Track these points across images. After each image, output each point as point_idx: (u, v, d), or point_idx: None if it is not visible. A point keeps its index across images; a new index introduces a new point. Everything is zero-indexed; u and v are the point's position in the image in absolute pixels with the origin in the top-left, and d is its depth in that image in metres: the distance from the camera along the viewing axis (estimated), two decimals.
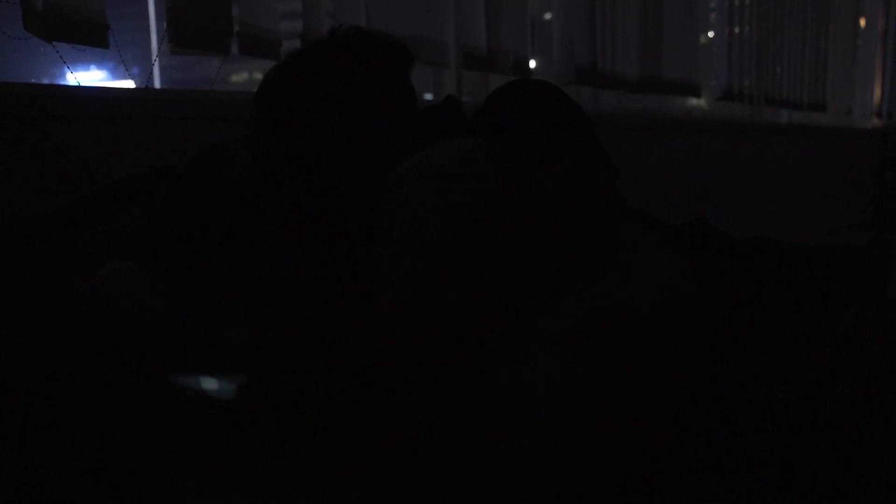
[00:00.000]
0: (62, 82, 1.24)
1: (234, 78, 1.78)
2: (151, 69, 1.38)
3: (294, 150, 0.91)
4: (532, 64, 2.06)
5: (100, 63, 1.37)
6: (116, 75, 1.40)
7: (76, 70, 1.22)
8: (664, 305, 0.72)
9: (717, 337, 0.76)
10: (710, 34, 2.73)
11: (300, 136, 0.91)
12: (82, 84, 1.23)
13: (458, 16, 1.78)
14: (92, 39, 1.18)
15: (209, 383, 0.82)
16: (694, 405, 0.70)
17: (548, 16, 2.11)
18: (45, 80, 1.29)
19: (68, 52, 1.19)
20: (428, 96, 1.95)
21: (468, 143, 0.81)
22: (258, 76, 1.02)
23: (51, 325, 0.82)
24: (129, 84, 1.33)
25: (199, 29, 1.29)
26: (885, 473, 0.63)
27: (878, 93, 3.81)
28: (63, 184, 1.08)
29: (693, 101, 2.80)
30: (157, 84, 1.41)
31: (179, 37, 1.28)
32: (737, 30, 2.76)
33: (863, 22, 3.74)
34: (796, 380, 0.70)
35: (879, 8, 3.75)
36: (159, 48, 1.32)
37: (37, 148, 1.12)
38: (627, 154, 0.92)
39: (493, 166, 0.77)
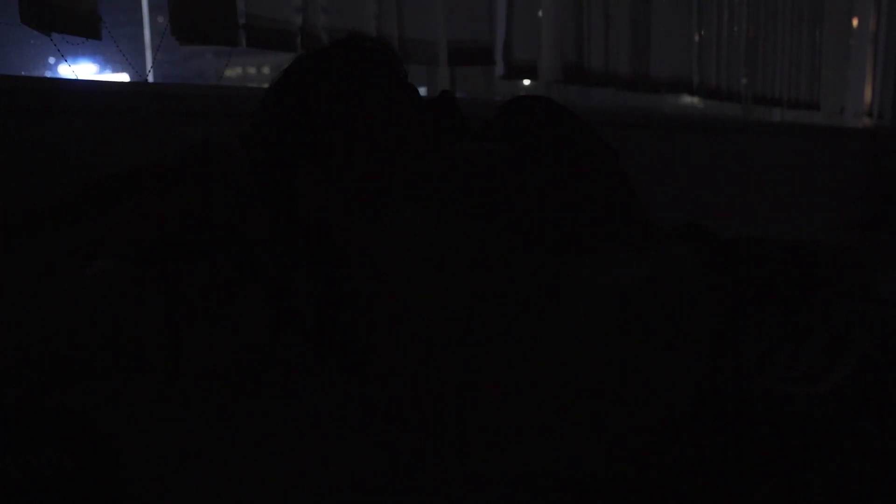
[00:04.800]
0: (52, 75, 1.23)
1: (228, 73, 1.77)
2: (147, 63, 1.37)
3: (313, 143, 0.92)
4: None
5: (92, 56, 1.36)
6: (108, 68, 1.39)
7: (67, 63, 1.22)
8: (694, 282, 0.75)
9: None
10: (702, 32, 2.74)
11: (322, 131, 0.92)
12: (77, 77, 1.22)
13: (452, 13, 1.78)
14: (85, 31, 1.17)
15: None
16: (695, 397, 0.71)
17: (539, 13, 2.11)
18: (35, 73, 1.28)
19: (60, 44, 1.18)
20: (421, 90, 1.95)
21: (496, 146, 0.84)
22: (252, 71, 1.02)
23: (39, 321, 0.82)
24: (122, 77, 1.33)
25: (202, 21, 1.29)
26: (874, 460, 0.64)
27: (869, 92, 3.84)
28: (53, 178, 1.08)
29: (686, 99, 2.81)
30: (150, 79, 1.40)
31: (182, 29, 1.27)
32: (726, 28, 2.77)
33: (855, 22, 3.76)
34: (789, 372, 0.71)
35: (871, 8, 3.78)
36: (160, 42, 1.32)
37: (27, 141, 1.11)
38: (619, 152, 0.94)
39: (528, 166, 0.81)
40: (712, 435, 0.68)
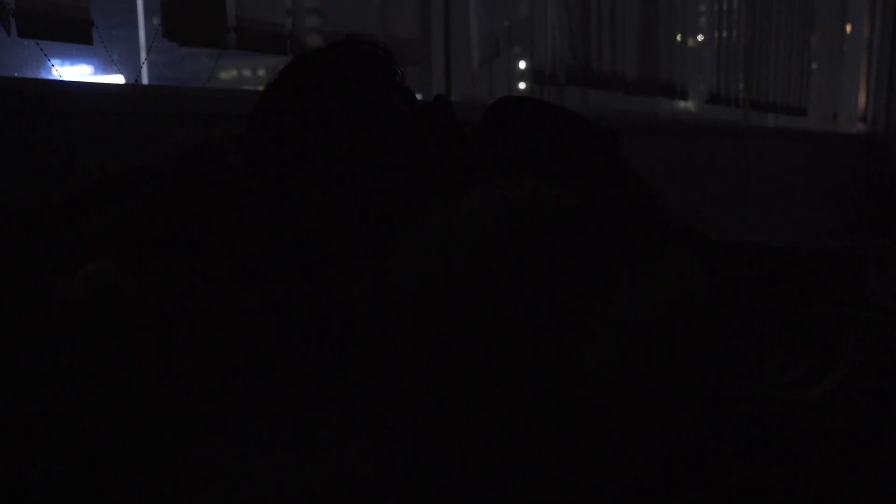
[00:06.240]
0: (47, 77, 1.22)
1: (224, 75, 1.77)
2: (140, 65, 1.37)
3: (308, 147, 0.92)
4: (522, 65, 2.07)
5: (87, 58, 1.35)
6: (103, 70, 1.39)
7: (62, 65, 1.21)
8: (704, 300, 0.75)
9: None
10: (700, 38, 2.75)
11: (317, 135, 0.91)
12: (67, 79, 1.22)
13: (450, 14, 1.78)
14: (75, 36, 1.16)
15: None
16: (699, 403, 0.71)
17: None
18: (30, 75, 1.27)
19: (54, 46, 1.18)
20: (417, 96, 1.95)
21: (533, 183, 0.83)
22: (247, 73, 1.02)
23: (31, 323, 0.81)
24: (117, 79, 1.32)
25: (194, 22, 1.28)
26: (866, 465, 0.64)
27: (863, 98, 3.86)
28: (47, 181, 1.07)
29: (681, 104, 2.82)
30: (144, 80, 1.40)
31: (174, 31, 1.27)
32: (724, 34, 2.79)
33: (849, 28, 3.78)
34: (783, 377, 0.71)
35: (865, 14, 3.80)
36: (151, 44, 1.32)
37: (21, 144, 1.11)
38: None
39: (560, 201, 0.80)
40: (706, 439, 0.68)
